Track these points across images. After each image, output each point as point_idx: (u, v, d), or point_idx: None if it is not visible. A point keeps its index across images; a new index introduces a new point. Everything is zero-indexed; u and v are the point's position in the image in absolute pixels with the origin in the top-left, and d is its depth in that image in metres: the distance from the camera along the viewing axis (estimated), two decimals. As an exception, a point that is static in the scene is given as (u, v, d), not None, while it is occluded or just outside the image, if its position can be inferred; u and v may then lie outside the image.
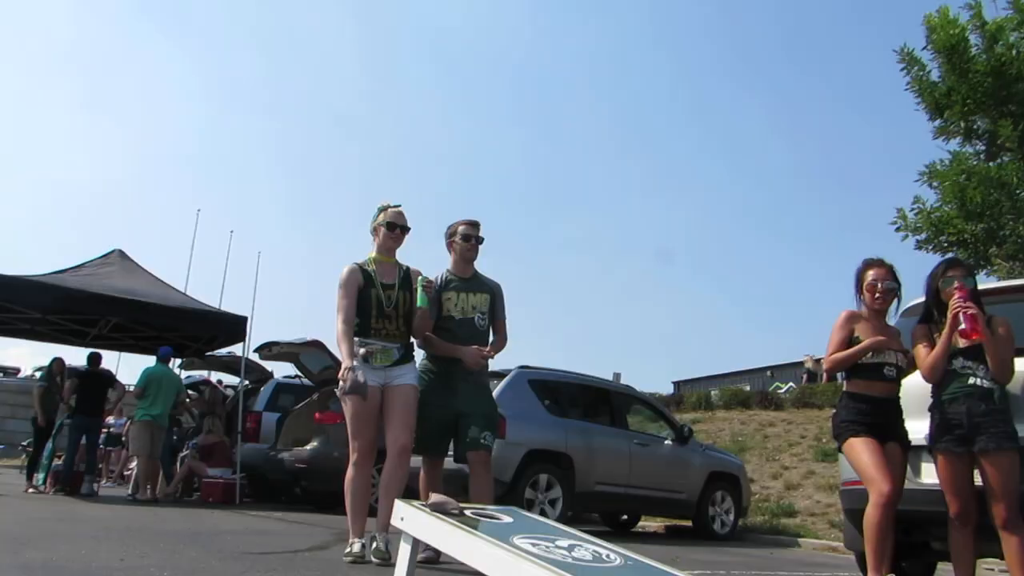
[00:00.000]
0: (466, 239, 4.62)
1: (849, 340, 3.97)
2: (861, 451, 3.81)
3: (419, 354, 4.62)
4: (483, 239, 4.66)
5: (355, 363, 4.11)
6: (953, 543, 3.76)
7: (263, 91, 72.22)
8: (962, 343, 3.72)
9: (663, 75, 69.49)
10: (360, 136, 76.31)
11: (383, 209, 4.50)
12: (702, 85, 68.64)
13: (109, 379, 10.46)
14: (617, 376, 16.05)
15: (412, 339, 4.50)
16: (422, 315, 4.37)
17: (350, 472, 4.28)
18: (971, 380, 3.71)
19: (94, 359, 10.30)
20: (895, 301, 4.12)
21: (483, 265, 4.75)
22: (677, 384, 27.66)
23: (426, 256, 5.22)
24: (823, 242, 61.05)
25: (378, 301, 4.33)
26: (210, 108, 70.91)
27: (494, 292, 4.69)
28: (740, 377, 25.68)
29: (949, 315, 3.69)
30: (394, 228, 4.47)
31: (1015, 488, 3.55)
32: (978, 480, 3.66)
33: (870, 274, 4.05)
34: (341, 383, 4.07)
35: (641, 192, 67.42)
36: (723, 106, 65.74)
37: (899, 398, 3.97)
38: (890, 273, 4.06)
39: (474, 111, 76.49)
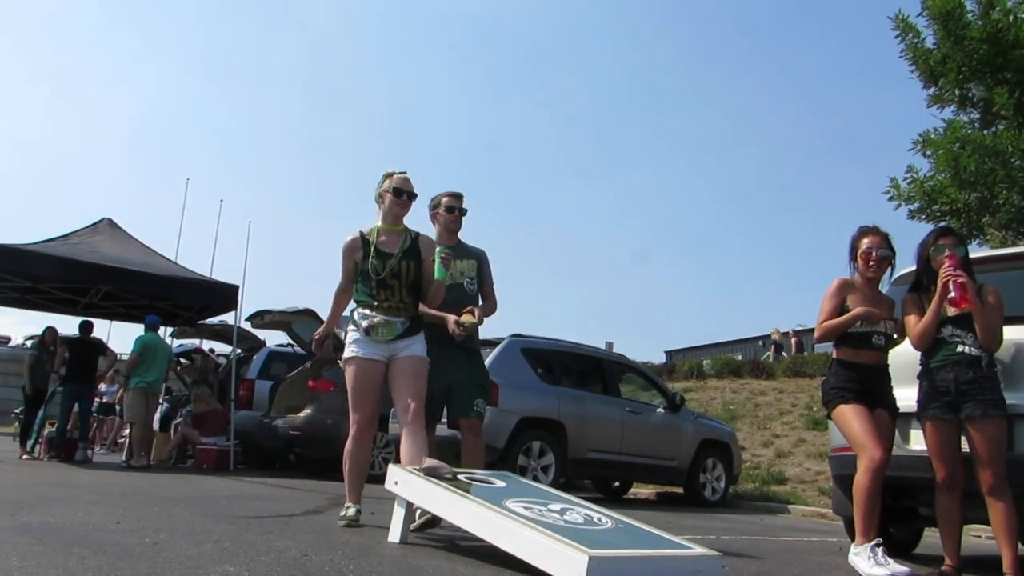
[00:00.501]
0: (450, 211, 4.62)
1: (840, 308, 3.96)
2: (851, 417, 3.83)
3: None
4: (466, 211, 4.67)
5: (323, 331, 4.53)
6: (940, 509, 3.81)
7: (248, 60, 71.48)
8: (951, 311, 3.74)
9: (663, 34, 68.98)
10: (349, 106, 75.73)
11: (388, 175, 4.36)
12: (699, 49, 68.20)
13: (100, 347, 10.47)
14: (609, 345, 16.17)
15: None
16: (437, 288, 4.26)
17: (349, 444, 4.26)
18: (959, 348, 3.73)
19: (86, 327, 10.29)
20: (889, 269, 4.12)
21: (471, 235, 4.77)
22: (669, 353, 27.81)
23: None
24: (817, 212, 61.15)
25: (375, 271, 4.21)
26: (197, 77, 70.18)
27: (480, 258, 4.71)
28: (732, 346, 25.80)
29: (939, 284, 3.71)
30: (401, 194, 4.31)
31: (1001, 455, 3.60)
32: (965, 447, 3.70)
33: (865, 241, 4.02)
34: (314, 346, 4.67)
35: (643, 157, 67.13)
36: (722, 72, 65.37)
37: (887, 366, 3.99)
38: (885, 241, 4.03)
39: (468, 77, 75.89)
